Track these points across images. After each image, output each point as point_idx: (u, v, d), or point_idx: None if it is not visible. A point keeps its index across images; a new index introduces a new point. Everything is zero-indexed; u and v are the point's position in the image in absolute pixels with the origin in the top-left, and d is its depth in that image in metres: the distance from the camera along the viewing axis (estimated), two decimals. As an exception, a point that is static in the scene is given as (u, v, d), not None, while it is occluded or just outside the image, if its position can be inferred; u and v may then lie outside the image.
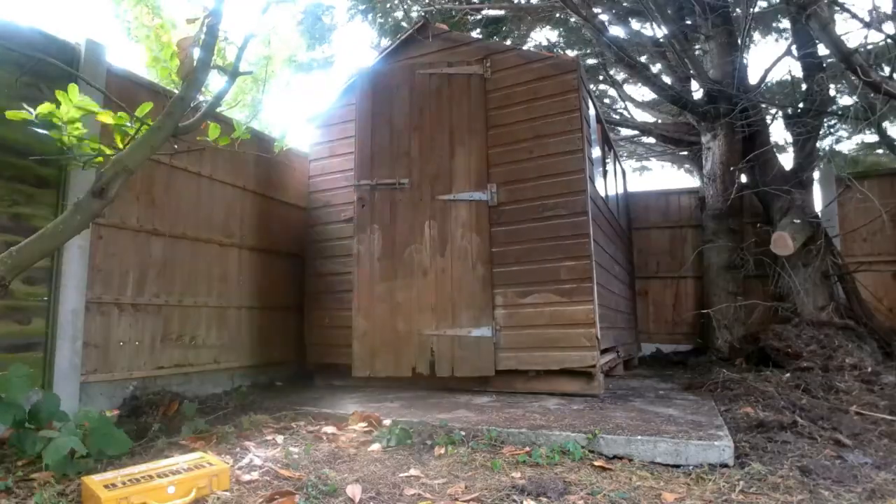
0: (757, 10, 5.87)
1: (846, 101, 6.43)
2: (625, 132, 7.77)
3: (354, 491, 1.56)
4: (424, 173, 3.30)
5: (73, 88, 1.92)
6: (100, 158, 2.05)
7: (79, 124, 1.95)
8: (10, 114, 1.89)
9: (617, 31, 6.78)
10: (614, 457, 1.93)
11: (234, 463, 1.82)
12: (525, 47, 5.46)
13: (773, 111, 5.50)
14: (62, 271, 2.50)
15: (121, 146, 2.05)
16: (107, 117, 2.03)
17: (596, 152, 3.72)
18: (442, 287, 3.15)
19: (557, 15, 6.96)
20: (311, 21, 7.61)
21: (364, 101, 3.39)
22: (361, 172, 3.32)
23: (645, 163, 9.73)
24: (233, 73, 2.06)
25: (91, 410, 1.77)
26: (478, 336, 3.04)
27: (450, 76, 3.32)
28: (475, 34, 6.75)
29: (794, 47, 4.97)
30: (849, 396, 2.75)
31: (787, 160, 5.33)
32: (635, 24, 6.68)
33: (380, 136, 3.38)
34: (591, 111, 3.66)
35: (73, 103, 1.89)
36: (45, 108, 1.88)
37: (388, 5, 7.20)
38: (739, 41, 5.00)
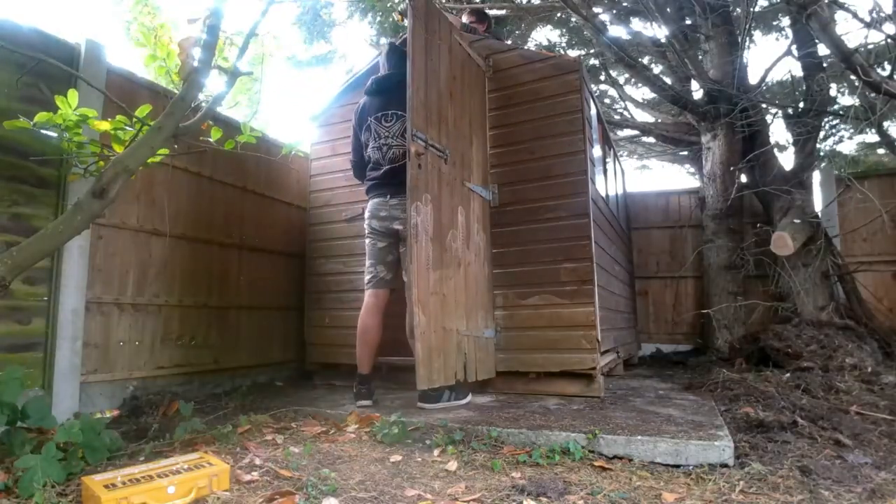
0: (757, 9, 5.87)
1: (846, 101, 6.43)
2: (625, 132, 7.78)
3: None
4: (456, 151, 2.89)
5: (72, 94, 1.93)
6: (101, 163, 2.05)
7: (79, 130, 1.95)
8: (7, 124, 1.90)
9: (617, 31, 6.79)
10: (614, 457, 1.93)
11: (234, 463, 1.82)
12: (526, 47, 5.45)
13: (773, 111, 5.51)
14: (62, 271, 2.50)
15: (119, 152, 2.06)
16: (104, 125, 2.03)
17: (597, 152, 3.72)
18: (469, 282, 2.91)
19: (558, 15, 6.96)
20: (309, 18, 7.61)
21: (419, 30, 2.65)
22: (418, 122, 2.54)
23: (645, 162, 9.74)
24: (233, 73, 2.06)
25: (75, 423, 1.76)
26: (487, 337, 3.04)
27: (469, 56, 3.20)
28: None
29: (794, 47, 4.97)
30: (849, 396, 2.75)
31: (787, 160, 5.34)
32: (636, 24, 6.68)
33: (431, 86, 2.70)
34: (593, 111, 3.66)
35: (72, 108, 1.89)
36: (42, 116, 1.89)
37: (389, 4, 7.19)
38: (739, 41, 5.00)
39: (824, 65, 4.90)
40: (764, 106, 5.31)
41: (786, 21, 6.37)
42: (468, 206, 2.99)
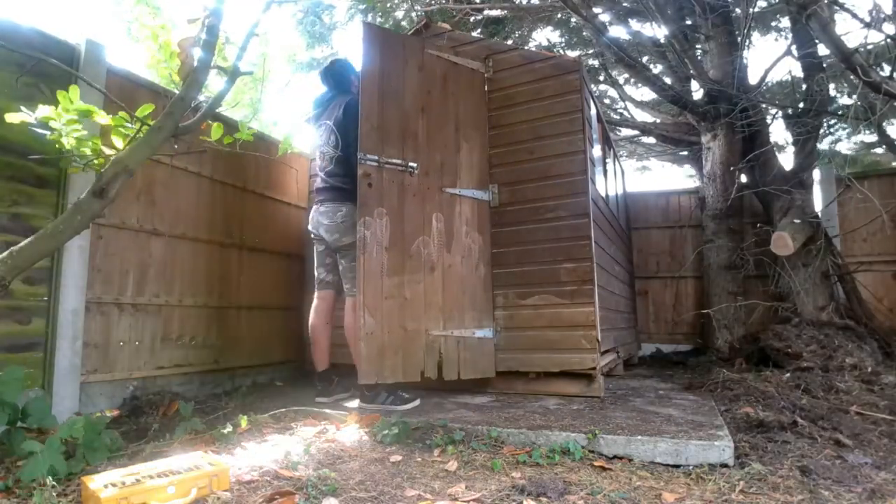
0: (757, 9, 5.87)
1: (846, 101, 6.43)
2: (625, 132, 7.77)
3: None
4: (432, 161, 3.04)
5: (73, 90, 1.92)
6: (101, 159, 2.05)
7: (78, 126, 1.95)
8: (9, 117, 1.89)
9: (618, 31, 6.79)
10: (614, 457, 1.93)
11: (234, 463, 1.82)
12: (527, 47, 5.45)
13: (773, 111, 5.50)
14: (62, 271, 2.50)
15: (119, 149, 2.05)
16: (104, 117, 2.03)
17: (597, 152, 3.72)
18: (449, 285, 2.99)
19: (559, 15, 6.96)
20: (310, 21, 7.61)
21: (373, 60, 2.90)
22: (367, 145, 2.79)
23: (645, 163, 9.74)
24: (233, 73, 2.06)
25: (78, 420, 1.76)
26: (480, 337, 3.04)
27: (455, 65, 3.24)
28: (476, 34, 6.76)
29: (794, 47, 4.96)
30: (849, 396, 2.75)
31: (787, 160, 5.33)
32: (635, 25, 6.68)
33: (388, 108, 2.92)
34: (593, 111, 3.66)
35: (72, 105, 1.88)
36: (46, 118, 1.88)
37: (389, 5, 7.19)
38: (739, 41, 4.99)
39: (824, 65, 4.89)
40: (764, 106, 5.30)
41: (786, 21, 6.37)
42: (451, 210, 3.06)
